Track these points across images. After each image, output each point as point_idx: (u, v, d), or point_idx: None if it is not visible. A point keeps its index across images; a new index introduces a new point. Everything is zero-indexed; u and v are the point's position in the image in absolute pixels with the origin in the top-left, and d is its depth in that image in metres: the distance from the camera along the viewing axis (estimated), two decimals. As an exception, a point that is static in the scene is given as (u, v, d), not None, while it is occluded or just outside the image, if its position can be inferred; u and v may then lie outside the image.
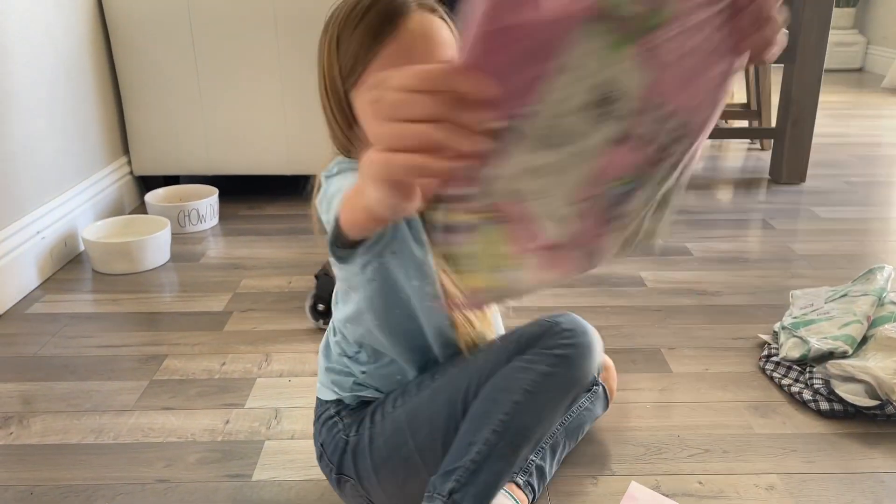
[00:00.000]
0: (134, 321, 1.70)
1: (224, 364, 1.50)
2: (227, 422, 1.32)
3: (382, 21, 0.77)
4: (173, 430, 1.30)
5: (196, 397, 1.39)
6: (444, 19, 0.81)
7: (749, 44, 0.49)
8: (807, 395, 1.36)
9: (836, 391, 1.33)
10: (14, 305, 1.76)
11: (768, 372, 1.46)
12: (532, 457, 1.07)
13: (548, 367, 0.91)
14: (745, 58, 0.50)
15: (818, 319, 1.52)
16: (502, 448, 0.87)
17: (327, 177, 0.87)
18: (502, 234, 0.47)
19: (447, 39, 0.80)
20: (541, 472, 1.08)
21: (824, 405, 1.33)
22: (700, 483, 1.16)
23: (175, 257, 2.03)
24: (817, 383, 1.37)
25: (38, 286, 1.86)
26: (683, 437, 1.27)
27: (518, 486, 1.04)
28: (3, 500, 1.12)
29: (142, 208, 2.34)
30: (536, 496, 1.07)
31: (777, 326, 1.57)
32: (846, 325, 1.46)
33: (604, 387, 1.23)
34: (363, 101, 0.81)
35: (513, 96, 0.43)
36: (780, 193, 2.59)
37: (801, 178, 2.67)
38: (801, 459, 1.21)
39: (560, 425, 1.12)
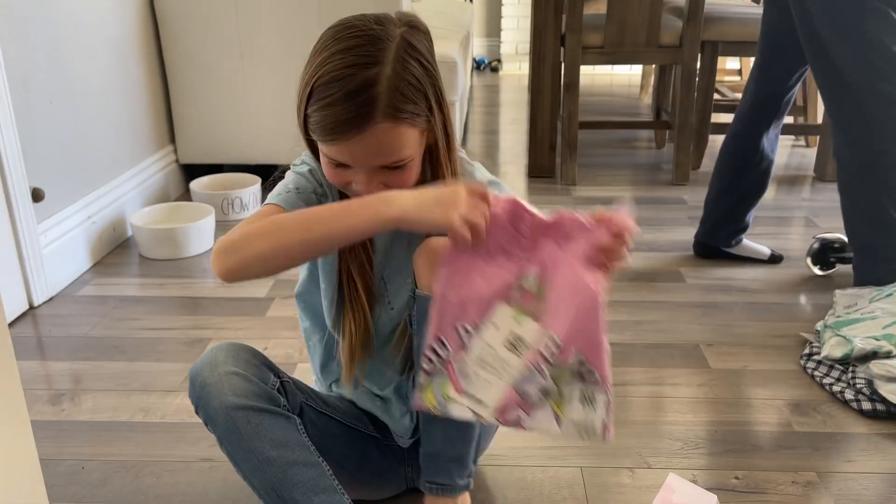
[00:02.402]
0: (179, 305, 1.75)
1: (266, 349, 1.53)
2: (269, 405, 1.35)
3: (345, 124, 0.81)
4: (217, 412, 1.33)
5: (239, 380, 1.42)
6: (407, 121, 0.83)
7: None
8: (849, 394, 1.35)
9: (880, 391, 1.31)
10: (66, 287, 1.82)
11: (809, 370, 1.45)
12: None
13: None
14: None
15: (862, 319, 1.50)
16: None
17: (294, 168, 0.98)
18: (448, 381, 0.82)
19: (401, 146, 0.84)
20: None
21: (866, 405, 1.31)
22: (737, 478, 1.16)
23: (219, 244, 2.07)
24: (860, 383, 1.35)
25: (89, 269, 1.92)
26: (721, 433, 1.27)
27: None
28: (55, 474, 1.17)
29: (186, 196, 2.40)
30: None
31: (820, 325, 1.55)
32: (890, 325, 1.44)
33: None
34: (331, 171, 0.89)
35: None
36: (824, 191, 2.55)
37: (847, 175, 2.62)
38: (842, 458, 1.20)
39: None
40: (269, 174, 2.43)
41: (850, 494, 1.12)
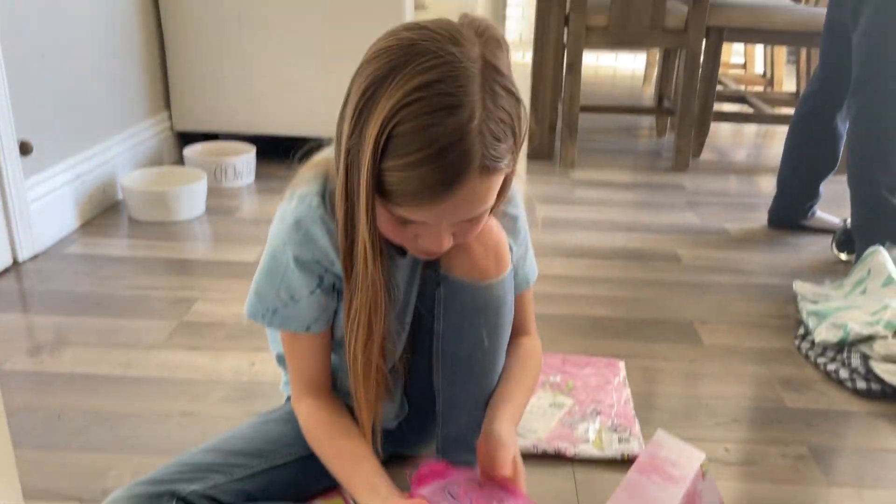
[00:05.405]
0: (166, 266, 1.72)
1: (253, 311, 1.51)
2: (253, 364, 1.32)
3: (436, 187, 0.69)
4: (200, 369, 1.31)
5: (224, 340, 1.40)
6: (501, 169, 0.73)
7: None
8: (843, 373, 1.32)
9: (875, 370, 1.29)
10: (53, 245, 1.79)
11: (804, 350, 1.42)
12: None
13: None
14: None
15: (846, 307, 1.47)
16: None
17: (294, 197, 0.83)
18: None
19: (488, 198, 0.74)
20: None
21: (861, 384, 1.29)
22: (726, 450, 1.13)
23: (210, 210, 2.05)
24: (855, 362, 1.33)
25: (77, 229, 1.89)
26: (711, 406, 1.25)
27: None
28: (30, 423, 1.14)
29: (180, 162, 2.36)
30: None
31: (803, 314, 1.52)
32: (879, 310, 1.41)
33: None
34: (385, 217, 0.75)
35: None
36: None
37: (849, 168, 2.59)
38: (833, 434, 1.18)
39: None
40: (266, 144, 2.39)
41: (841, 468, 1.10)
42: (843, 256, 1.86)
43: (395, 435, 1.02)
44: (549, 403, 1.21)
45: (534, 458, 1.09)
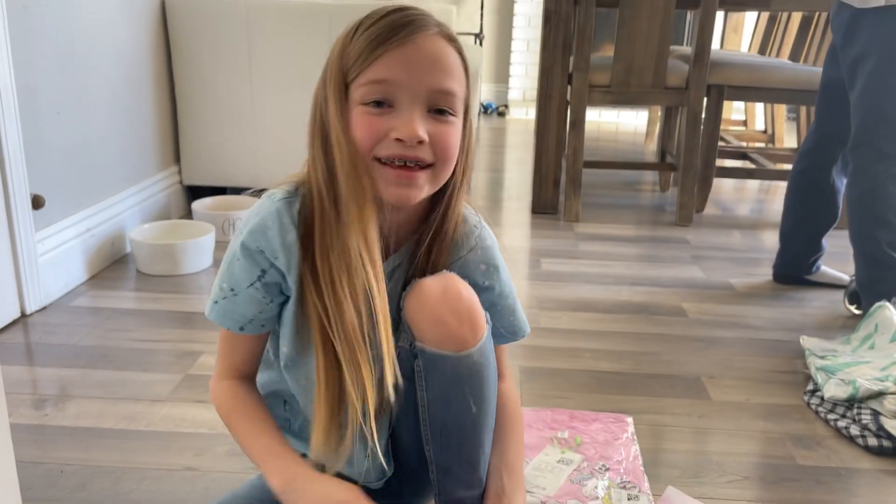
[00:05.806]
0: (173, 319, 1.72)
1: (258, 364, 1.50)
2: (258, 418, 1.31)
3: (397, 27, 0.78)
4: (204, 422, 1.30)
5: (229, 393, 1.39)
6: (459, 53, 0.81)
7: None
8: (854, 430, 1.31)
9: (886, 427, 1.28)
10: (60, 298, 1.79)
11: (813, 406, 1.41)
12: None
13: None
14: None
15: (854, 363, 1.47)
16: None
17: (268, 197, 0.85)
18: None
19: (452, 69, 0.80)
20: None
21: (872, 441, 1.28)
22: (738, 509, 1.11)
23: (217, 263, 2.06)
24: (865, 418, 1.31)
25: (84, 282, 1.90)
26: (722, 463, 1.23)
27: None
28: (33, 477, 1.13)
29: (188, 216, 2.39)
30: None
31: (812, 369, 1.51)
32: (889, 366, 1.40)
33: None
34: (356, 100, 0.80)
35: None
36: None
37: (852, 223, 2.61)
38: (847, 493, 1.16)
39: None
40: (272, 198, 2.42)
41: (856, 529, 1.08)
42: (855, 310, 1.86)
43: (391, 491, 1.00)
44: (558, 460, 1.19)
45: (542, 515, 1.08)
